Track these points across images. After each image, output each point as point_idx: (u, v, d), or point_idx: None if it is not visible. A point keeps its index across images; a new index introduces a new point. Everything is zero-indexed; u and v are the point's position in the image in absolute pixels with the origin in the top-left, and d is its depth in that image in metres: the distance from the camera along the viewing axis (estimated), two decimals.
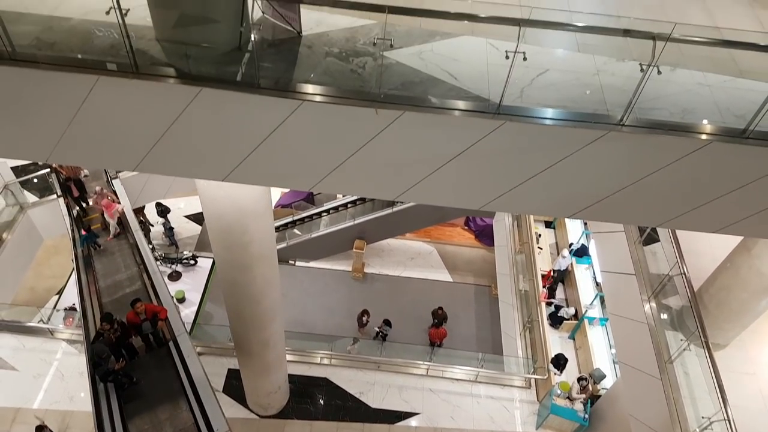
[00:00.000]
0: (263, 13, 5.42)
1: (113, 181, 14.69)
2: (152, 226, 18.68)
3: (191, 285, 17.76)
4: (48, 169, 14.88)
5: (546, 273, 16.54)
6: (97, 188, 13.60)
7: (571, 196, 5.38)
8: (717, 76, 5.34)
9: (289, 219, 19.16)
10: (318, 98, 4.76)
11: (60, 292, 17.45)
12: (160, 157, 5.24)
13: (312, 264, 19.19)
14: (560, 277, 16.59)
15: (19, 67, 4.62)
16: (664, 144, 4.80)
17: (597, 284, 15.66)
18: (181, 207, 19.99)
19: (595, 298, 15.30)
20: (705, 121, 4.91)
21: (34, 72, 4.62)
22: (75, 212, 13.96)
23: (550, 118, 4.74)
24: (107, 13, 4.35)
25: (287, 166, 5.40)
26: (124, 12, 4.39)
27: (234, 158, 5.26)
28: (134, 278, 12.15)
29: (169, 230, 18.44)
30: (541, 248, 17.27)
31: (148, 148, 5.19)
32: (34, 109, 4.93)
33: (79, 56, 4.82)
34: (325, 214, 19.53)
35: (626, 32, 4.63)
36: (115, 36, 4.66)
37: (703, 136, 4.77)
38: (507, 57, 4.30)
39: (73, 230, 13.44)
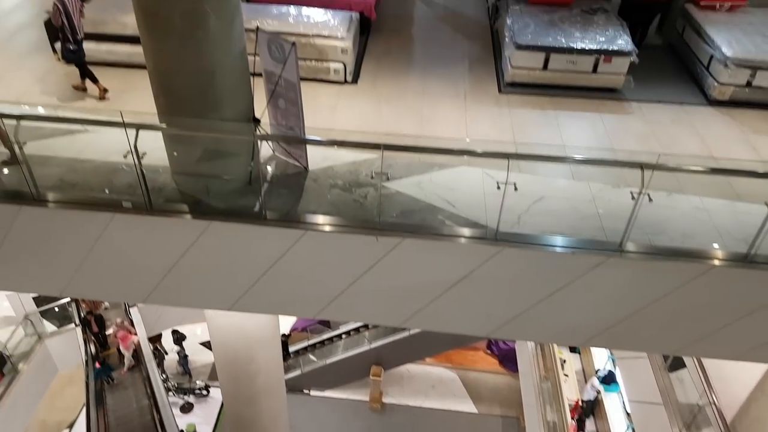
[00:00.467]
0: (273, 151, 5.79)
1: (131, 309, 14.83)
2: (167, 354, 18.46)
3: (203, 417, 17.11)
4: (68, 298, 15.10)
5: (574, 403, 15.63)
6: (118, 320, 13.72)
7: (579, 324, 5.26)
8: (714, 200, 5.42)
9: (305, 344, 18.81)
10: (321, 228, 4.93)
11: (71, 426, 16.90)
12: (168, 289, 5.36)
13: (327, 393, 18.45)
14: (590, 408, 15.64)
15: (40, 208, 4.92)
16: (667, 269, 4.76)
17: (628, 414, 14.67)
18: (197, 333, 19.79)
19: (626, 430, 14.25)
20: (708, 246, 4.90)
21: (52, 211, 4.91)
22: (92, 345, 13.96)
23: (549, 245, 4.79)
24: (125, 156, 4.69)
25: (292, 294, 5.45)
26: (140, 155, 4.74)
27: (239, 288, 5.35)
28: (144, 414, 11.92)
29: (183, 358, 18.15)
30: (567, 375, 16.47)
31: (157, 281, 5.32)
32: (51, 246, 5.16)
33: (99, 195, 5.13)
34: (345, 336, 19.08)
35: (612, 163, 4.79)
36: (131, 176, 4.98)
37: (707, 261, 4.74)
38: (498, 188, 4.45)
39: (87, 363, 13.36)
